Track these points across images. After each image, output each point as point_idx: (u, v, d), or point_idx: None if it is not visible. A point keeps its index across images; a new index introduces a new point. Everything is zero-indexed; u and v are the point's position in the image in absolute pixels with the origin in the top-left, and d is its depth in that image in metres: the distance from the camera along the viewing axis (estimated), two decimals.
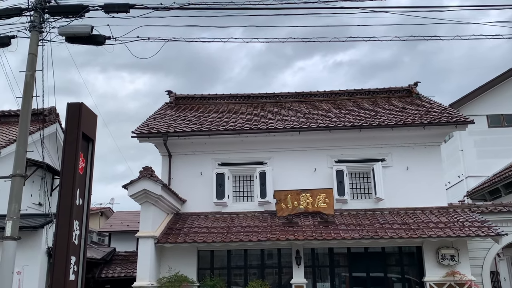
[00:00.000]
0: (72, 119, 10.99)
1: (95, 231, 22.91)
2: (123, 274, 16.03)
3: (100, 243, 21.57)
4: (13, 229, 8.88)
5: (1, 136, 16.34)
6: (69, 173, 10.75)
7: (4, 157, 15.00)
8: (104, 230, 23.36)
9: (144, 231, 13.03)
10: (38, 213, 15.40)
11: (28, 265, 12.99)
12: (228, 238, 13.29)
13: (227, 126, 15.96)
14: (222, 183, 15.56)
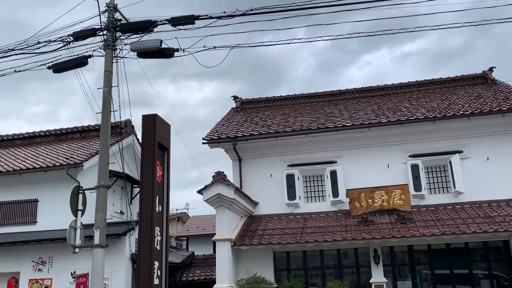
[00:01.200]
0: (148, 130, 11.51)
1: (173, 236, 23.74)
2: (202, 277, 16.48)
3: (178, 247, 22.34)
4: (101, 238, 9.41)
5: (83, 150, 17.42)
6: (148, 181, 11.25)
7: (86, 170, 15.97)
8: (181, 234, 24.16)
9: (220, 235, 13.33)
10: (121, 221, 16.26)
11: (116, 271, 13.75)
12: (303, 239, 13.27)
13: (294, 127, 15.96)
14: (292, 184, 15.58)
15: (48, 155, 17.34)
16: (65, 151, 17.78)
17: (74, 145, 18.67)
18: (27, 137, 20.30)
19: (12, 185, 16.17)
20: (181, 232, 24.54)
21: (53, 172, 15.75)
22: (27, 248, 14.82)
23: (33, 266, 14.84)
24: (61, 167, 15.57)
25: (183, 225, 26.74)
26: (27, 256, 14.92)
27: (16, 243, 14.56)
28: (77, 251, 9.68)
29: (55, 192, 15.87)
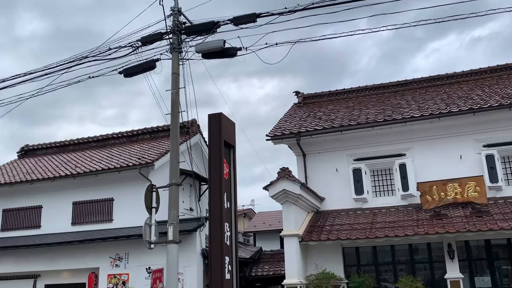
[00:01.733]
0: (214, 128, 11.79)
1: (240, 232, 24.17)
2: (271, 273, 16.65)
3: (246, 243, 22.69)
4: (174, 234, 9.79)
5: (153, 150, 18.14)
6: (216, 178, 11.53)
7: (157, 169, 16.62)
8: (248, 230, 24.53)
9: (287, 230, 13.39)
10: (191, 217, 16.77)
11: (190, 265, 14.21)
12: (373, 234, 13.03)
13: (359, 120, 15.67)
14: (359, 178, 15.32)
15: (121, 156, 18.22)
16: (136, 151, 18.60)
17: (145, 145, 19.48)
18: (101, 139, 21.46)
19: (89, 185, 17.16)
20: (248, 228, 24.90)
21: (127, 172, 16.53)
22: (105, 245, 15.66)
23: (110, 262, 15.67)
24: (133, 167, 16.31)
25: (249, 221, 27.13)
26: (105, 252, 15.77)
27: (94, 240, 15.42)
28: (152, 247, 10.11)
29: (129, 191, 16.65)
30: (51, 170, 18.28)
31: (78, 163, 18.54)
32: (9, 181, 17.89)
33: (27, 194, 17.89)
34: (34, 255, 16.48)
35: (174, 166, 10.47)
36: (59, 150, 21.97)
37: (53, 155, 21.31)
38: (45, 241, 16.11)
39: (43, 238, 16.62)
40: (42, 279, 16.86)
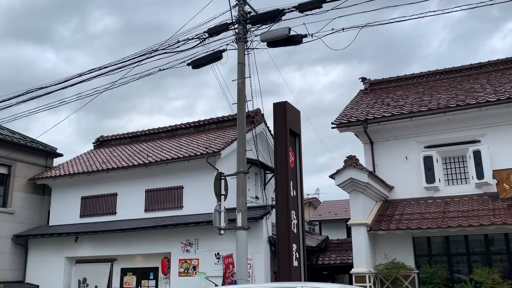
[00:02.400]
0: (279, 117, 11.88)
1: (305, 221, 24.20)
2: (338, 261, 16.58)
3: (311, 232, 22.69)
4: (243, 220, 10.02)
5: (220, 140, 18.53)
6: (282, 167, 11.66)
7: (223, 158, 16.98)
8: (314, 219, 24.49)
9: (355, 219, 13.25)
10: (257, 205, 17.02)
11: (258, 252, 14.48)
12: (445, 223, 12.57)
13: (431, 106, 15.08)
14: (430, 166, 14.79)
15: (189, 146, 18.80)
16: (204, 141, 19.11)
17: (211, 135, 19.95)
18: (170, 129, 22.23)
19: (161, 174, 17.86)
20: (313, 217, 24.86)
21: (195, 161, 17.03)
22: (176, 231, 16.31)
23: (181, 247, 16.30)
24: (201, 156, 16.77)
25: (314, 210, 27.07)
26: (176, 238, 16.42)
27: (166, 226, 16.10)
28: (222, 233, 10.42)
29: (197, 179, 17.15)
30: (125, 160, 19.22)
31: (150, 152, 19.34)
32: (86, 170, 19.02)
33: (103, 183, 18.94)
34: (110, 240, 17.50)
35: (241, 154, 10.67)
36: (132, 140, 23.02)
37: (126, 145, 22.37)
38: (121, 226, 17.03)
39: (118, 224, 17.57)
40: (118, 263, 17.89)
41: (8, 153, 19.11)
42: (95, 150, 23.12)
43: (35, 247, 19.18)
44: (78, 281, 18.32)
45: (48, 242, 18.78)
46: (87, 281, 18.13)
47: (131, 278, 17.54)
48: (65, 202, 19.58)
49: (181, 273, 16.04)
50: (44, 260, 18.72)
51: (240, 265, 9.81)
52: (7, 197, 19.36)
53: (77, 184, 19.45)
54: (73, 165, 20.66)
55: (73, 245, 18.15)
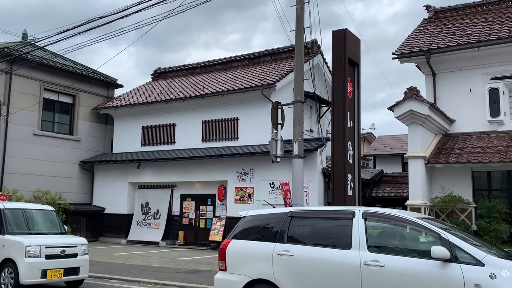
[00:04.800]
0: (338, 45, 11.54)
1: None
2: (393, 194, 16.58)
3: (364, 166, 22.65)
4: (299, 148, 10.12)
5: (275, 72, 18.38)
6: (339, 97, 11.49)
7: (278, 90, 16.92)
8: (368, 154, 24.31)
9: (413, 152, 13.01)
10: (311, 138, 17.07)
11: (312, 181, 14.73)
12: (508, 157, 12.10)
13: (500, 34, 14.05)
14: (496, 99, 14.03)
15: (244, 78, 18.82)
16: (258, 73, 19.03)
17: (266, 67, 19.81)
18: (225, 62, 22.24)
19: (217, 105, 18.15)
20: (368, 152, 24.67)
21: (250, 93, 17.11)
22: (232, 161, 16.79)
23: (237, 176, 16.83)
24: (256, 88, 16.80)
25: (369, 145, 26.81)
26: (232, 167, 16.95)
27: (223, 156, 16.58)
28: (278, 160, 10.59)
29: (252, 111, 17.32)
30: (182, 91, 19.60)
31: (206, 84, 19.58)
32: (146, 101, 19.62)
33: (162, 113, 19.54)
34: (170, 167, 18.32)
35: (298, 83, 10.56)
36: (188, 72, 23.31)
37: (183, 77, 22.72)
38: (180, 155, 17.71)
39: (177, 152, 18.28)
40: (178, 189, 18.80)
41: (72, 83, 19.95)
42: (153, 82, 23.68)
43: (100, 173, 20.45)
44: (141, 205, 19.52)
45: (112, 168, 19.94)
46: (149, 205, 19.27)
47: (190, 204, 18.46)
48: (127, 131, 20.48)
49: (237, 200, 16.67)
50: (109, 185, 19.97)
51: (296, 192, 10.03)
52: (73, 125, 20.47)
53: (137, 114, 20.19)
54: (133, 96, 21.35)
55: (136, 172, 19.17)
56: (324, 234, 5.90)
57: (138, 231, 19.13)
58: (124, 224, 19.42)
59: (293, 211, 6.24)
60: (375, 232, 5.69)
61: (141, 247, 17.59)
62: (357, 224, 5.51)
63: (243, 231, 6.47)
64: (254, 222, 6.55)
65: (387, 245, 5.49)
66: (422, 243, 5.38)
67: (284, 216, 6.14)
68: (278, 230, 6.07)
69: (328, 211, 6.25)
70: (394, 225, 5.54)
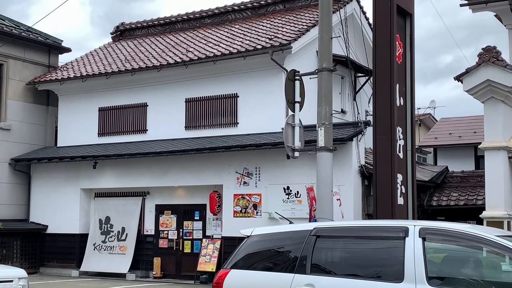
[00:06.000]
0: None
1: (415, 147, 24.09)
2: (462, 202, 16.57)
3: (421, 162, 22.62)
4: (326, 138, 10.13)
5: (289, 27, 18.34)
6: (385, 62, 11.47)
7: (295, 54, 16.86)
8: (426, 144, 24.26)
9: (491, 141, 13.03)
10: (343, 122, 17.07)
11: (343, 184, 14.72)
12: None
13: None
14: None
15: (246, 36, 18.79)
16: (266, 29, 19.00)
17: (277, 20, 19.77)
18: (218, 13, 22.18)
19: (206, 77, 18.12)
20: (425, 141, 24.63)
21: (254, 58, 17.06)
22: (230, 156, 16.77)
23: (237, 179, 16.84)
24: (263, 51, 16.75)
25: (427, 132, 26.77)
26: (229, 166, 16.94)
27: (216, 149, 16.58)
28: (296, 155, 10.63)
29: (257, 85, 17.28)
30: (155, 57, 19.60)
31: (190, 46, 19.56)
32: (104, 72, 19.66)
33: (128, 88, 19.55)
34: (140, 167, 18.36)
35: (325, 42, 10.58)
36: (164, 29, 23.27)
37: (156, 37, 22.69)
38: (154, 149, 17.75)
39: (150, 145, 18.31)
40: (152, 198, 18.86)
41: None
42: (115, 44, 23.68)
43: (40, 176, 20.52)
44: (99, 221, 19.60)
45: (57, 169, 20.01)
46: (111, 221, 19.35)
47: (169, 218, 18.50)
48: (78, 115, 20.52)
49: (237, 212, 16.71)
50: (53, 192, 20.03)
51: (322, 200, 10.06)
52: None
53: (92, 91, 20.25)
54: (85, 64, 21.39)
55: (91, 173, 19.25)
56: (364, 261, 5.92)
57: (95, 258, 19.21)
58: (75, 248, 19.51)
59: (319, 228, 6.26)
60: (438, 257, 5.71)
61: (101, 281, 17.63)
62: (412, 246, 5.51)
63: (247, 257, 6.51)
64: (262, 245, 6.59)
65: (455, 276, 5.50)
66: (506, 272, 5.38)
67: (306, 236, 6.16)
68: (298, 256, 6.09)
69: (370, 227, 6.28)
70: (465, 246, 5.54)
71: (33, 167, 20.70)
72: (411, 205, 11.64)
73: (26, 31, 21.40)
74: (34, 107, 21.36)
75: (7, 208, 20.19)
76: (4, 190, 20.22)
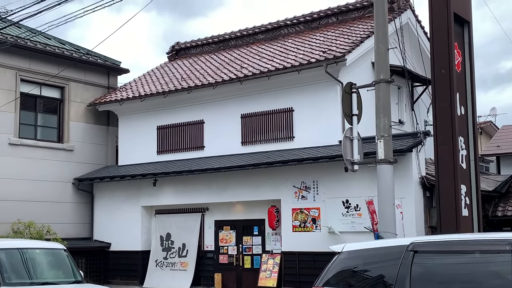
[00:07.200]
0: None
1: None
2: None
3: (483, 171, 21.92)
4: (386, 150, 9.90)
5: (343, 39, 18.10)
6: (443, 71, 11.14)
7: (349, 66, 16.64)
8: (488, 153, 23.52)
9: None
10: (401, 133, 16.67)
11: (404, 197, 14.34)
12: None
13: None
14: None
15: (299, 50, 18.64)
16: (319, 42, 18.82)
17: (330, 33, 19.56)
18: (270, 29, 22.15)
19: (261, 92, 18.05)
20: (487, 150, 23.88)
21: (308, 72, 16.90)
22: (286, 170, 16.59)
23: (295, 193, 16.64)
24: (317, 64, 16.56)
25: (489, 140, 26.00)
26: (287, 180, 16.76)
27: (273, 164, 16.42)
28: (356, 168, 10.40)
29: (311, 98, 17.14)
30: (211, 74, 19.64)
31: (244, 62, 19.53)
32: (161, 91, 19.80)
33: (185, 106, 19.65)
34: (199, 183, 18.37)
35: (382, 53, 10.35)
36: (218, 47, 23.38)
37: (211, 54, 22.80)
38: (211, 165, 17.71)
39: (208, 161, 18.29)
40: (211, 214, 18.83)
41: (59, 69, 20.41)
42: (171, 63, 23.92)
43: (102, 194, 20.81)
44: (160, 238, 19.70)
45: (118, 187, 20.25)
46: (172, 238, 19.42)
47: (228, 234, 18.42)
48: (137, 134, 20.75)
49: (295, 227, 16.49)
50: (116, 211, 20.28)
51: (384, 213, 9.79)
52: (62, 129, 20.92)
53: (150, 110, 20.44)
54: (143, 84, 21.64)
55: (151, 191, 19.38)
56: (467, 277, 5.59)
57: (157, 274, 19.30)
58: (138, 265, 19.65)
59: (416, 243, 5.95)
60: None
61: None
62: None
63: (338, 274, 6.37)
64: (355, 261, 6.42)
65: None
66: None
67: (403, 251, 5.88)
68: (395, 273, 5.81)
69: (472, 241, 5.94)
70: None
71: (96, 186, 21.00)
72: (476, 216, 11.28)
73: (86, 54, 21.81)
74: (95, 127, 21.71)
75: (72, 227, 20.49)
76: (69, 209, 20.55)
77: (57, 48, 21.03)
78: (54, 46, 21.06)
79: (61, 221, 20.04)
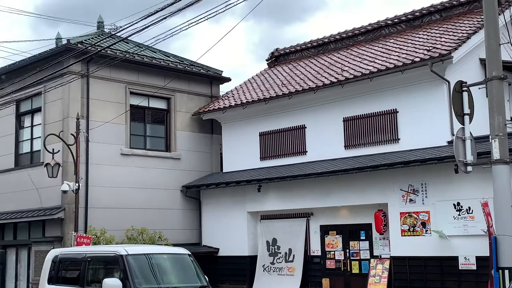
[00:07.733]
0: None
1: None
2: None
3: None
4: (502, 150, 9.41)
5: (448, 37, 17.44)
6: None
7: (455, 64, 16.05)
8: None
9: None
10: None
11: None
12: None
13: None
14: None
15: (401, 49, 18.17)
16: (422, 40, 18.26)
17: (433, 31, 18.93)
18: (370, 29, 21.74)
19: (363, 94, 17.73)
20: None
21: (412, 71, 16.44)
22: (392, 173, 16.17)
23: (402, 196, 16.17)
24: (421, 63, 16.08)
25: None
26: (393, 183, 16.33)
27: (378, 167, 16.03)
28: (469, 169, 10.01)
29: (416, 99, 16.68)
30: (311, 79, 19.51)
31: (345, 65, 19.26)
32: (262, 98, 19.87)
33: (286, 112, 19.63)
34: (302, 188, 18.26)
35: (493, 49, 9.82)
36: (317, 51, 23.21)
37: (310, 59, 22.67)
38: (314, 170, 17.55)
39: (310, 166, 18.15)
40: (316, 218, 18.67)
41: (166, 81, 20.94)
42: (271, 70, 23.99)
43: (209, 201, 21.14)
44: (266, 243, 19.74)
45: (224, 194, 20.50)
46: (278, 243, 19.41)
47: (335, 239, 18.18)
48: (240, 141, 20.95)
49: (404, 231, 16.02)
50: (222, 217, 20.55)
51: (500, 216, 9.27)
52: (169, 138, 21.46)
53: (252, 117, 20.58)
54: (244, 91, 21.82)
55: (256, 196, 19.46)
56: None
57: (265, 279, 19.34)
58: (246, 270, 19.79)
59: None
60: None
61: None
62: None
63: None
64: None
65: None
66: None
67: None
68: None
69: None
70: None
71: (202, 192, 21.37)
72: None
73: (190, 65, 22.29)
74: (199, 136, 22.11)
75: (181, 233, 20.95)
76: (178, 216, 21.03)
77: (163, 61, 21.62)
78: (159, 59, 21.67)
79: (171, 227, 20.55)
